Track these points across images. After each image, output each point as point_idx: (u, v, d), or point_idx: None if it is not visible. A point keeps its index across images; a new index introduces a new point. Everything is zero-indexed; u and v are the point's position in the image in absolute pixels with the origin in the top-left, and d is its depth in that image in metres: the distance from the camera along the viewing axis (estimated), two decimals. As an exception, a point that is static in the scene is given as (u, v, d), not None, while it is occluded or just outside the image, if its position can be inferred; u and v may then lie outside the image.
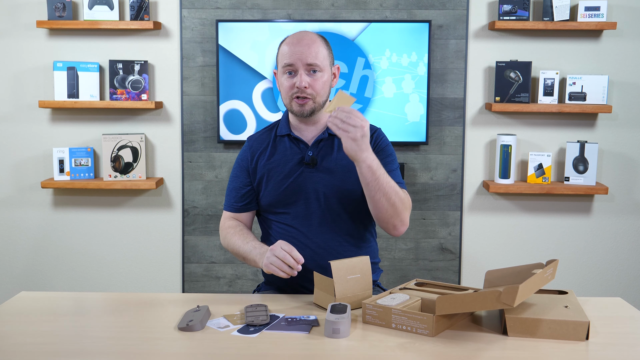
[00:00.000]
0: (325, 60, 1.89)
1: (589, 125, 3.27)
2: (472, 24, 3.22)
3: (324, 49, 1.89)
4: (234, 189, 2.01)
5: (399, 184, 1.90)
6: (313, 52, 1.85)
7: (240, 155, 2.04)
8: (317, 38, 1.90)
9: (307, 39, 1.87)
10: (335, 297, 1.65)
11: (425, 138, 3.21)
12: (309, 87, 1.86)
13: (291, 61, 1.86)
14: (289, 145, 1.96)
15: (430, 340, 1.49)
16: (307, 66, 1.85)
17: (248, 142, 2.04)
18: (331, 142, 1.95)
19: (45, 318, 1.66)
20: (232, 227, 1.97)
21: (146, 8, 3.16)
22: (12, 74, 3.28)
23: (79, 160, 3.24)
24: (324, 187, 1.90)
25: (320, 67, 1.87)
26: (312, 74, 1.87)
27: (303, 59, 1.85)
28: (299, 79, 1.85)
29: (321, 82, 1.88)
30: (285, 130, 1.97)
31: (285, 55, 1.87)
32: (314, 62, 1.85)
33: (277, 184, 1.93)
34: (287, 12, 3.21)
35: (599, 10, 3.09)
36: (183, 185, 3.34)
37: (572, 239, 3.34)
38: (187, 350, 1.45)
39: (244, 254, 1.90)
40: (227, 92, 3.19)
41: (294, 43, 1.87)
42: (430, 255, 3.35)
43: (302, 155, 1.93)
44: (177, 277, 3.39)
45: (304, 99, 1.87)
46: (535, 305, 1.58)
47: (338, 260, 1.68)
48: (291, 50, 1.86)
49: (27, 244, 3.39)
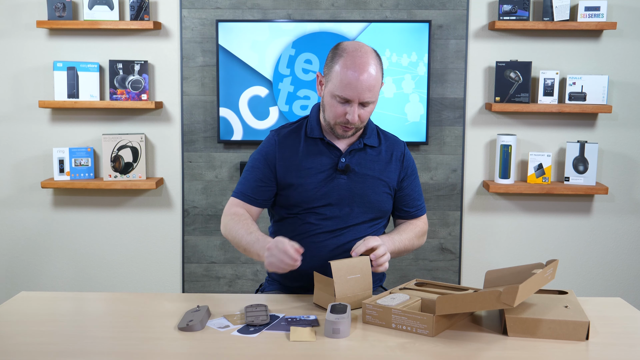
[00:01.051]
0: (379, 90, 1.84)
1: (589, 125, 3.27)
2: (472, 24, 3.22)
3: (379, 77, 1.82)
4: (252, 179, 1.93)
5: (421, 209, 2.05)
6: (371, 87, 1.79)
7: (265, 147, 1.95)
8: (376, 66, 1.81)
9: (367, 70, 1.78)
10: (336, 297, 1.65)
11: (425, 138, 3.21)
12: (358, 120, 1.84)
13: (348, 97, 1.79)
14: (323, 149, 1.92)
15: (430, 340, 1.49)
16: (362, 102, 1.82)
17: (276, 137, 1.96)
18: (364, 152, 1.94)
19: (45, 318, 1.66)
20: (237, 215, 1.90)
21: (146, 8, 3.16)
22: (12, 74, 3.28)
23: (79, 160, 3.24)
24: (352, 195, 1.90)
25: (374, 100, 1.84)
26: (365, 106, 1.83)
27: (361, 97, 1.79)
28: (352, 114, 1.81)
29: (369, 111, 1.86)
30: (318, 133, 1.93)
31: (343, 84, 1.78)
32: (370, 100, 1.82)
33: (307, 186, 1.89)
34: (287, 12, 3.21)
35: (599, 10, 3.09)
36: (183, 185, 3.34)
37: (572, 239, 3.34)
38: (187, 350, 1.45)
39: (245, 245, 1.82)
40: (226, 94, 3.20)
41: (354, 71, 1.77)
42: (430, 255, 3.35)
43: (336, 162, 1.91)
44: (177, 277, 3.39)
45: (351, 127, 1.86)
46: (535, 305, 1.58)
47: (338, 260, 1.68)
48: (350, 82, 1.77)
49: (27, 244, 3.39)
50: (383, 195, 1.94)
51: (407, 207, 2.01)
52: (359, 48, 1.81)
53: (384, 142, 1.99)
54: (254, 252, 1.80)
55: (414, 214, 2.02)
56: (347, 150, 1.92)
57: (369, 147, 1.95)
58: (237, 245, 1.87)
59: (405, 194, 2.00)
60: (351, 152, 1.93)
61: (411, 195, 2.00)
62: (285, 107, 3.20)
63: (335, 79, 1.80)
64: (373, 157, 1.95)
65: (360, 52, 1.80)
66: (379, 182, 1.93)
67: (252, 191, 1.93)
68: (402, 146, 2.02)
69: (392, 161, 1.97)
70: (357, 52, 1.80)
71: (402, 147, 2.01)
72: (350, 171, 1.91)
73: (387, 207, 1.97)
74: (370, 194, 1.91)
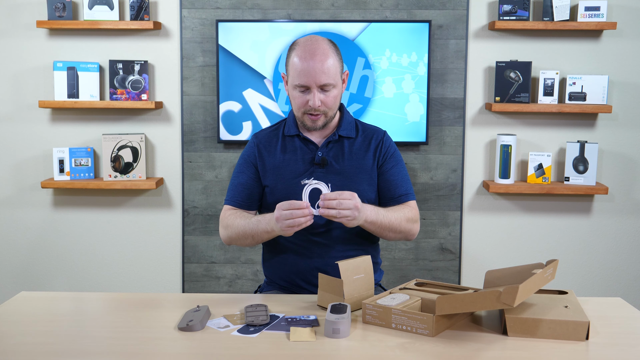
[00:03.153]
0: (337, 74, 1.87)
1: (589, 125, 3.27)
2: (472, 24, 3.22)
3: (335, 61, 1.86)
4: (239, 184, 1.99)
5: (407, 195, 1.98)
6: (326, 70, 1.83)
7: (246, 151, 2.02)
8: (328, 50, 1.86)
9: (319, 54, 1.83)
10: (344, 298, 1.64)
11: (425, 138, 3.21)
12: (322, 104, 1.86)
13: (304, 83, 1.84)
14: (299, 145, 1.96)
15: (430, 340, 1.49)
16: (320, 86, 1.85)
17: (255, 139, 2.03)
18: (341, 143, 1.96)
19: (45, 318, 1.66)
20: (232, 214, 1.95)
21: (146, 8, 3.16)
22: (12, 74, 3.28)
23: (79, 160, 3.24)
24: (333, 188, 1.90)
25: (333, 83, 1.86)
26: (325, 91, 1.86)
27: (317, 81, 1.83)
28: (312, 99, 1.85)
29: (333, 96, 1.88)
30: (294, 130, 1.97)
31: (298, 72, 1.84)
32: (327, 82, 1.84)
33: (288, 182, 1.93)
34: (287, 12, 3.21)
35: (599, 10, 3.09)
36: (183, 185, 3.34)
37: (572, 239, 3.34)
38: (187, 350, 1.45)
39: (251, 233, 1.86)
40: (226, 92, 3.20)
41: (306, 58, 1.83)
42: (430, 255, 3.35)
43: (312, 156, 1.94)
44: (177, 277, 3.39)
45: (316, 115, 1.88)
46: (535, 305, 1.58)
47: (345, 261, 1.68)
48: (304, 68, 1.83)
49: (27, 244, 3.39)
50: (363, 184, 1.94)
51: (390, 193, 1.96)
52: (310, 38, 1.89)
53: (362, 133, 2.00)
54: (262, 232, 1.84)
55: (399, 199, 1.97)
56: (323, 144, 1.95)
57: (345, 139, 1.97)
58: (244, 239, 1.90)
59: (387, 179, 1.97)
60: (328, 145, 1.95)
61: (393, 180, 1.97)
62: (285, 107, 3.20)
63: (292, 70, 1.87)
64: (349, 148, 1.96)
65: (311, 41, 1.87)
66: (357, 172, 1.94)
67: (241, 196, 1.98)
68: (381, 134, 2.01)
69: (369, 150, 1.97)
70: (308, 41, 1.87)
71: (381, 135, 2.01)
72: (328, 164, 1.93)
73: (370, 196, 1.95)
74: (349, 184, 1.91)
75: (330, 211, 1.72)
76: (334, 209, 1.71)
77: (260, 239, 1.88)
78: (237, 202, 1.98)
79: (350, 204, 1.72)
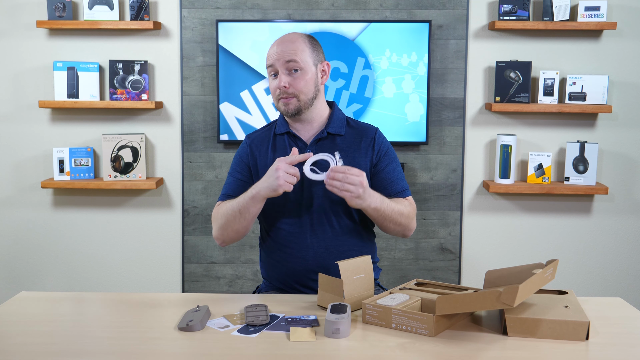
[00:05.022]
0: (307, 58, 1.89)
1: (589, 125, 3.27)
2: (472, 24, 3.22)
3: (305, 46, 1.90)
4: (233, 181, 1.99)
5: (403, 191, 1.96)
6: (291, 50, 1.87)
7: (239, 151, 2.04)
8: (298, 37, 1.91)
9: (287, 39, 1.90)
10: (345, 298, 1.64)
11: (425, 138, 3.21)
12: (289, 86, 1.87)
13: (271, 62, 1.89)
14: (288, 143, 1.97)
15: (430, 340, 1.49)
16: (286, 64, 1.87)
17: (247, 140, 2.05)
18: (331, 140, 1.96)
19: (45, 318, 1.66)
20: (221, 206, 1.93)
21: (146, 8, 3.16)
22: (12, 74, 3.28)
23: (79, 160, 3.24)
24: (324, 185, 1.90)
25: (300, 65, 1.87)
26: (293, 73, 1.88)
27: (281, 58, 1.87)
28: (279, 80, 1.88)
29: (303, 80, 1.88)
30: (284, 128, 1.98)
31: (268, 56, 1.91)
32: (292, 59, 1.86)
33: None
34: (287, 12, 3.21)
35: (599, 10, 3.09)
36: (183, 185, 3.34)
37: (572, 239, 3.34)
38: (187, 350, 1.45)
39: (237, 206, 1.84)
40: (226, 94, 3.20)
41: (276, 44, 1.91)
42: (430, 255, 3.35)
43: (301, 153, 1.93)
44: (177, 277, 3.39)
45: (287, 98, 1.89)
46: (535, 305, 1.58)
47: (344, 261, 1.68)
48: (272, 50, 1.90)
49: (27, 244, 3.39)
50: None
51: (387, 190, 1.95)
52: (287, 33, 1.95)
53: (353, 130, 1.99)
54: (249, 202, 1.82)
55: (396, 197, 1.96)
56: (312, 141, 1.95)
57: (335, 136, 1.96)
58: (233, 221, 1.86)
59: (383, 178, 1.96)
60: (317, 143, 1.94)
61: (389, 178, 1.96)
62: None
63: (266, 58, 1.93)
64: (340, 145, 1.95)
65: (286, 33, 1.94)
66: None
67: (235, 191, 1.96)
68: (373, 131, 2.00)
69: (361, 147, 1.96)
70: (283, 34, 1.95)
71: (372, 132, 2.00)
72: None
73: None
74: None
75: (335, 182, 1.72)
76: (339, 181, 1.71)
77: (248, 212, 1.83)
78: (231, 197, 1.96)
79: (356, 180, 1.71)
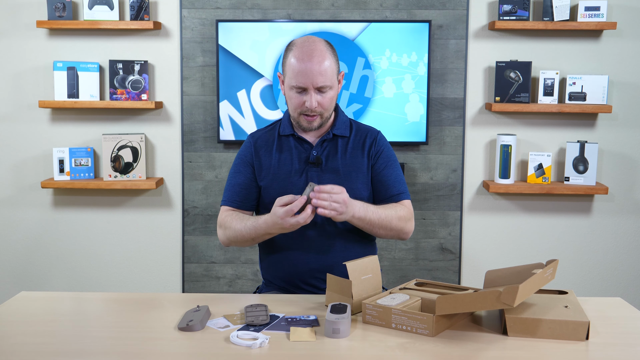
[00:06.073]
0: (333, 75, 1.88)
1: (589, 125, 3.27)
2: (472, 24, 3.22)
3: (332, 62, 1.87)
4: (236, 185, 1.99)
5: (399, 195, 1.97)
6: (323, 72, 1.84)
7: (242, 151, 2.02)
8: (325, 52, 1.86)
9: (317, 56, 1.84)
10: (353, 298, 1.65)
11: (425, 138, 3.21)
12: (318, 106, 1.87)
13: (301, 84, 1.84)
14: (293, 144, 1.97)
15: (430, 340, 1.49)
16: (317, 87, 1.85)
17: (251, 139, 2.03)
18: (335, 142, 1.97)
19: (45, 318, 1.66)
20: (230, 215, 1.95)
21: (146, 8, 3.16)
22: (12, 74, 3.28)
23: (79, 160, 3.24)
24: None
25: (330, 85, 1.87)
26: (322, 92, 1.86)
27: (314, 82, 1.83)
28: (309, 100, 1.85)
29: (329, 98, 1.89)
30: (289, 130, 1.98)
31: (295, 73, 1.84)
32: (324, 84, 1.85)
33: (284, 182, 1.93)
34: (287, 12, 3.21)
35: (599, 10, 3.09)
36: (183, 185, 3.34)
37: (572, 239, 3.34)
38: (187, 350, 1.45)
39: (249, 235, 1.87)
40: (226, 94, 3.20)
41: (303, 59, 1.83)
42: (430, 255, 3.35)
43: (307, 155, 1.95)
44: (177, 277, 3.39)
45: (312, 116, 1.89)
46: (535, 305, 1.58)
47: (352, 261, 1.68)
48: (301, 69, 1.83)
49: (27, 244, 3.39)
50: (358, 183, 1.94)
51: (383, 193, 1.97)
52: (307, 39, 1.89)
53: (356, 132, 2.01)
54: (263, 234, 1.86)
55: (392, 199, 1.97)
56: (317, 143, 1.96)
57: (339, 137, 1.98)
58: (243, 242, 1.92)
59: (379, 180, 1.97)
60: (323, 144, 1.96)
61: (385, 181, 1.97)
62: (285, 107, 3.20)
63: (289, 71, 1.87)
64: (343, 146, 1.97)
65: (308, 42, 1.87)
66: (351, 170, 1.95)
67: (239, 196, 1.98)
68: (374, 133, 2.02)
69: (363, 149, 1.98)
70: (305, 42, 1.87)
71: (374, 134, 2.01)
72: (322, 163, 1.94)
73: (363, 195, 1.95)
74: (344, 183, 1.90)
75: (323, 202, 1.73)
76: (326, 201, 1.73)
77: (260, 239, 1.90)
78: (235, 203, 1.98)
79: (339, 198, 1.74)
